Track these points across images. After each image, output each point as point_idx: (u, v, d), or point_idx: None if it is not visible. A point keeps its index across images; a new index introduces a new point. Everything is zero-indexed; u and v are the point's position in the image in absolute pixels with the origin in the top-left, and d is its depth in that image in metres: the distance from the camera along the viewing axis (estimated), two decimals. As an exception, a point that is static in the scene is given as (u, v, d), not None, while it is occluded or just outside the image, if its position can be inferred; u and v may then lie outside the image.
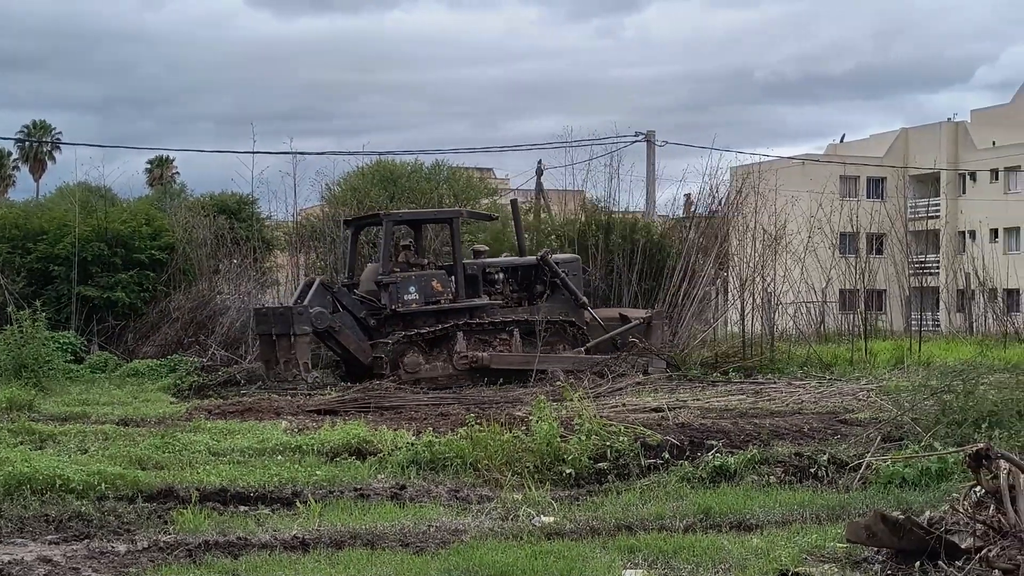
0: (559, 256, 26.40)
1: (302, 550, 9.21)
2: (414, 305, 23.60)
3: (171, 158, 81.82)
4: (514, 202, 28.16)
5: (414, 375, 23.08)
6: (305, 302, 23.02)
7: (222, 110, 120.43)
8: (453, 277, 24.21)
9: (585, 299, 25.32)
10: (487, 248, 27.39)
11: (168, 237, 29.31)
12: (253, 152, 32.83)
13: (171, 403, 20.02)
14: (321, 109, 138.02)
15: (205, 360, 24.77)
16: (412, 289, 23.65)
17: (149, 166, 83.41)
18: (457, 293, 24.11)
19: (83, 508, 10.48)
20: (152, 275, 28.60)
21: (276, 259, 34.28)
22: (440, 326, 23.68)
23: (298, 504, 10.89)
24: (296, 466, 12.66)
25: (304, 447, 13.64)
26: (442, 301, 23.90)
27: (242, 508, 10.93)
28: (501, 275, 25.19)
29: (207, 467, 12.62)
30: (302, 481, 11.93)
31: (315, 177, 39.19)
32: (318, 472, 12.38)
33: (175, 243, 29.25)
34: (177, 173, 79.30)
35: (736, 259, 31.63)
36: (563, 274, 25.00)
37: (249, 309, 26.70)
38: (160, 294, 28.50)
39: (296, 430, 15.40)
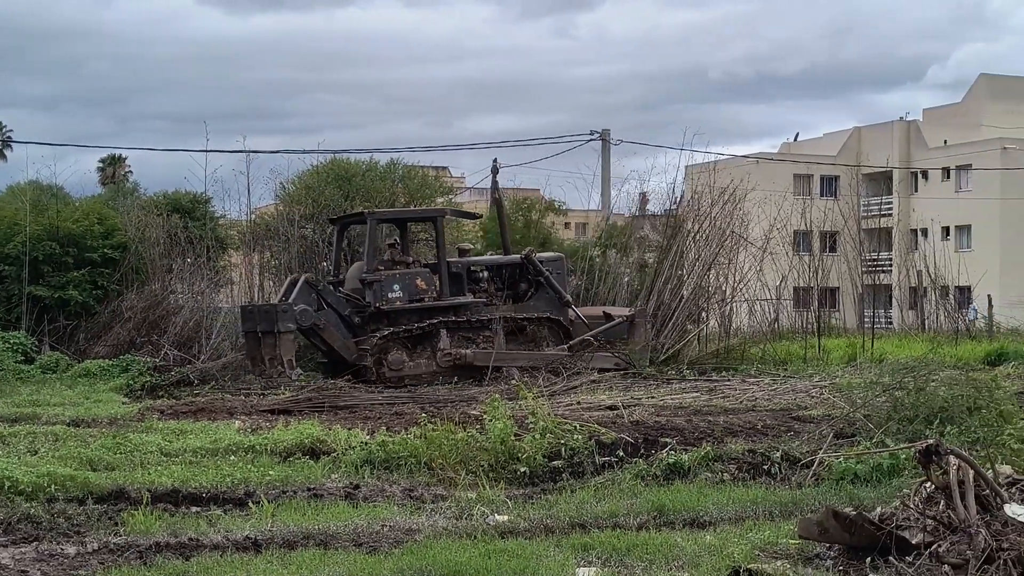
0: (543, 255, 26.71)
1: (254, 551, 9.15)
2: (398, 303, 23.84)
3: (124, 157, 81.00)
4: (499, 201, 28.51)
5: (398, 372, 23.27)
6: (290, 300, 23.19)
7: (175, 108, 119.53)
8: (438, 275, 24.39)
9: (569, 297, 25.53)
10: (472, 247, 27.79)
11: (121, 236, 29.04)
12: (206, 151, 32.43)
13: (123, 403, 19.82)
14: (275, 107, 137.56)
15: (158, 360, 24.53)
16: (396, 287, 23.90)
17: (101, 165, 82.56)
18: (441, 291, 24.28)
19: (32, 510, 10.34)
20: (107, 272, 28.36)
21: (230, 258, 34.05)
22: (424, 324, 23.79)
23: (251, 504, 10.82)
24: (249, 466, 12.58)
25: (257, 447, 13.56)
26: (426, 299, 24.10)
27: (194, 509, 10.86)
28: (486, 273, 25.53)
29: (159, 468, 12.52)
30: (255, 481, 11.86)
31: (269, 176, 39.06)
32: (271, 472, 12.31)
33: (128, 242, 28.99)
34: (130, 172, 78.53)
35: (692, 257, 31.72)
36: (547, 273, 25.20)
37: (202, 309, 26.73)
38: (112, 294, 28.23)
39: (249, 430, 15.31)
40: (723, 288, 30.70)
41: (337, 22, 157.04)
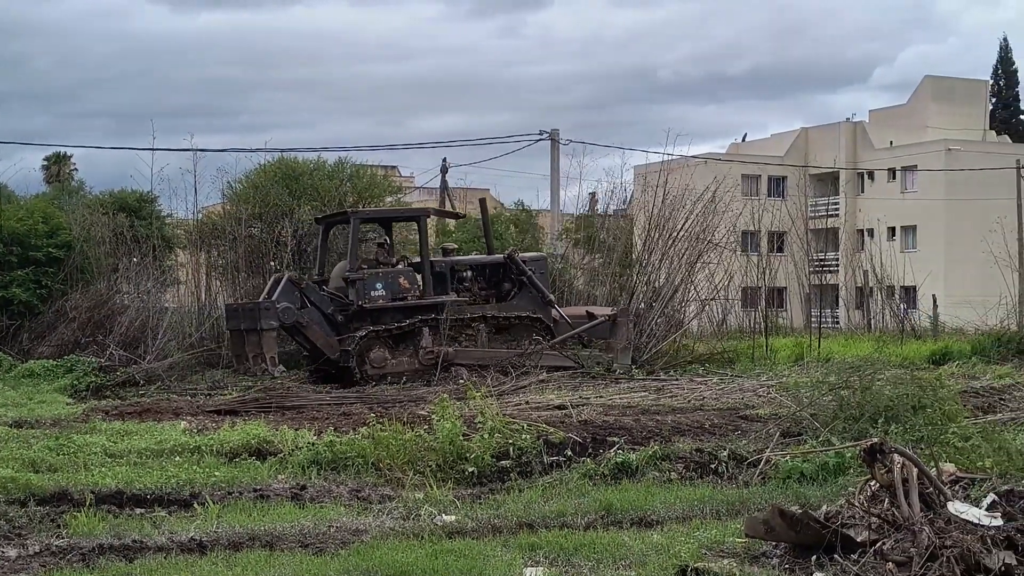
0: (526, 255, 27.11)
1: (199, 552, 9.07)
2: (381, 301, 24.05)
3: (69, 155, 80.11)
4: (482, 201, 28.83)
5: (380, 370, 23.51)
6: (273, 298, 23.38)
7: (120, 106, 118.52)
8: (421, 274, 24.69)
9: (552, 296, 25.84)
10: (457, 246, 28.11)
11: (66, 235, 28.77)
12: (153, 149, 32.12)
13: (67, 404, 19.62)
14: (222, 105, 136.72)
15: (103, 360, 24.29)
16: (379, 286, 24.17)
17: (46, 163, 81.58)
18: (424, 290, 24.51)
19: (-28, 512, 10.22)
20: (51, 271, 28.07)
21: (177, 257, 33.79)
22: (406, 322, 24.02)
23: (196, 506, 10.73)
24: (195, 467, 12.48)
25: (203, 448, 13.45)
26: (409, 298, 24.32)
27: (138, 511, 10.74)
28: (469, 273, 25.84)
29: (103, 469, 12.39)
30: (200, 482, 11.76)
31: (216, 175, 38.71)
32: (217, 473, 12.21)
33: (73, 241, 28.72)
34: (75, 170, 77.72)
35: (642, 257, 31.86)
36: (530, 272, 25.48)
37: (148, 308, 26.64)
38: (57, 293, 27.95)
39: (196, 431, 15.18)
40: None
41: (284, 20, 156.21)
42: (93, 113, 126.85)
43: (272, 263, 28.90)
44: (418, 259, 25.09)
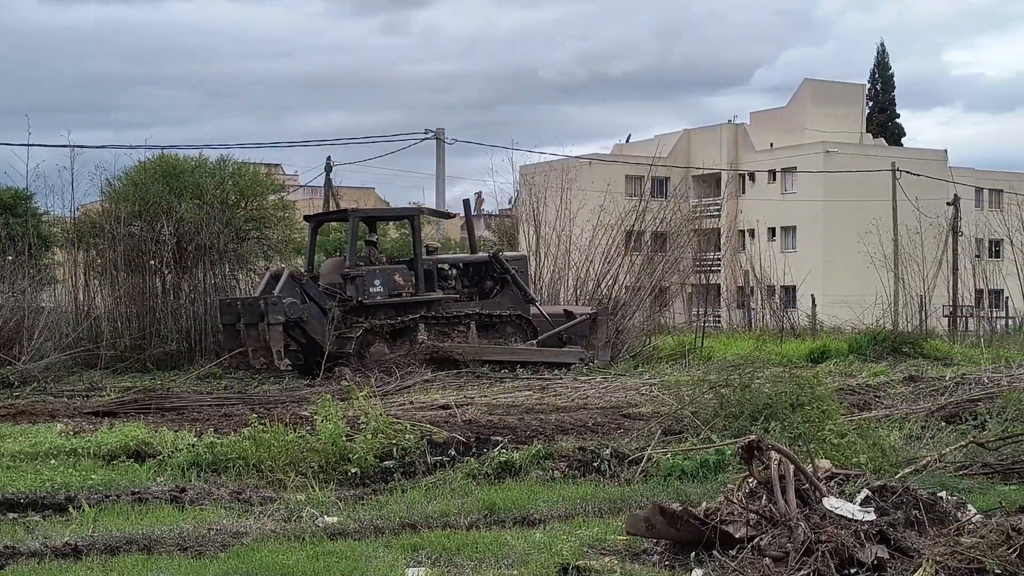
0: (509, 254, 28.15)
1: (74, 557, 8.88)
2: (379, 297, 24.77)
3: (-60, 151, 77.94)
4: (466, 201, 29.55)
5: (380, 363, 23.73)
6: (276, 293, 23.85)
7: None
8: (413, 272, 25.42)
9: (533, 295, 26.94)
10: (440, 245, 29.15)
11: (-64, 233, 28.00)
12: (28, 144, 31.32)
13: (-62, 407, 19.06)
14: (100, 101, 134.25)
15: (-25, 362, 23.67)
16: (377, 282, 24.95)
17: (-83, 159, 79.43)
18: (417, 287, 25.23)
19: None
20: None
21: (54, 256, 33.05)
22: (403, 318, 24.72)
23: (71, 510, 10.49)
24: (71, 470, 12.19)
25: (80, 450, 13.14)
26: (403, 294, 25.05)
27: (11, 515, 10.46)
28: (454, 271, 26.59)
29: (-26, 473, 12.07)
30: (76, 486, 11.48)
31: (94, 171, 37.86)
32: (94, 476, 11.94)
33: (-57, 239, 27.95)
34: (-53, 166, 75.67)
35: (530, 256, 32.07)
36: (513, 271, 26.34)
37: (23, 308, 25.98)
38: (-74, 293, 27.16)
39: (72, 433, 14.83)
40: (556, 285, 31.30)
41: (163, 14, 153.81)
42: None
43: (152, 262, 28.41)
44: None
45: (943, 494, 9.10)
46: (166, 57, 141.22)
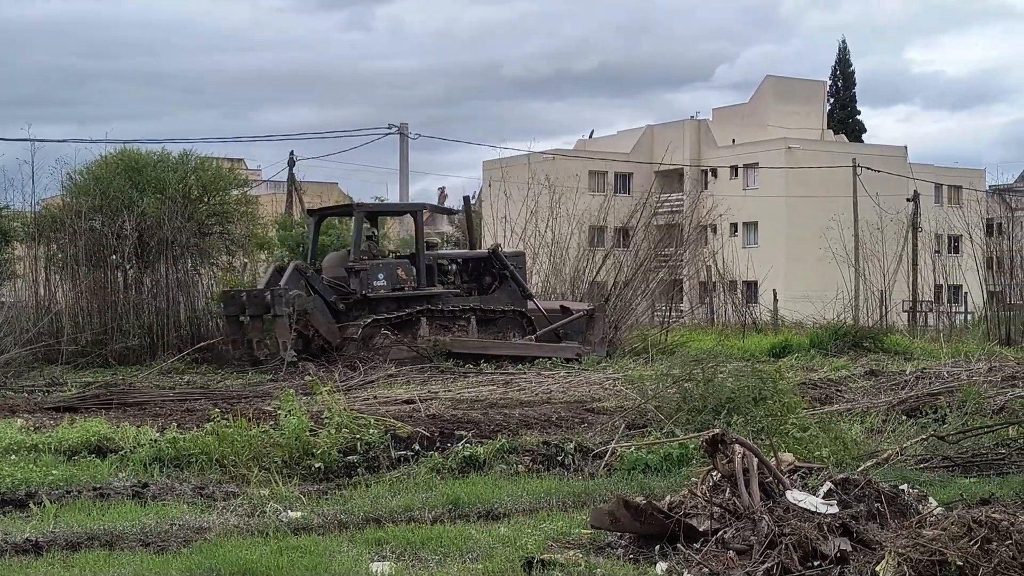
0: (506, 250, 28.45)
1: (35, 553, 8.80)
2: (382, 291, 25.19)
3: (-102, 144, 76.99)
4: (467, 198, 30.06)
5: (383, 355, 23.92)
6: (282, 285, 24.00)
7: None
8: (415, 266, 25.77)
9: (531, 291, 27.36)
10: (438, 241, 29.67)
11: None
12: (-13, 138, 31.14)
13: None
14: (61, 95, 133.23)
15: (-65, 357, 23.44)
16: (381, 276, 25.32)
17: None
18: (419, 281, 25.58)
19: None
20: None
21: (14, 251, 32.76)
22: (405, 311, 25.07)
23: (32, 506, 10.42)
24: (31, 466, 12.05)
25: (40, 446, 13.02)
26: (406, 288, 25.39)
27: (-29, 511, 10.39)
28: (453, 266, 26.92)
29: (-68, 470, 11.94)
30: (36, 481, 11.37)
31: (55, 166, 37.54)
32: (54, 472, 11.82)
33: (-99, 234, 27.67)
34: (-95, 160, 74.75)
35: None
36: (511, 267, 26.72)
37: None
38: None
39: (32, 428, 14.71)
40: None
41: (125, 7, 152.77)
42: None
43: (114, 257, 28.20)
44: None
45: (904, 487, 9.17)
46: (128, 52, 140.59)
